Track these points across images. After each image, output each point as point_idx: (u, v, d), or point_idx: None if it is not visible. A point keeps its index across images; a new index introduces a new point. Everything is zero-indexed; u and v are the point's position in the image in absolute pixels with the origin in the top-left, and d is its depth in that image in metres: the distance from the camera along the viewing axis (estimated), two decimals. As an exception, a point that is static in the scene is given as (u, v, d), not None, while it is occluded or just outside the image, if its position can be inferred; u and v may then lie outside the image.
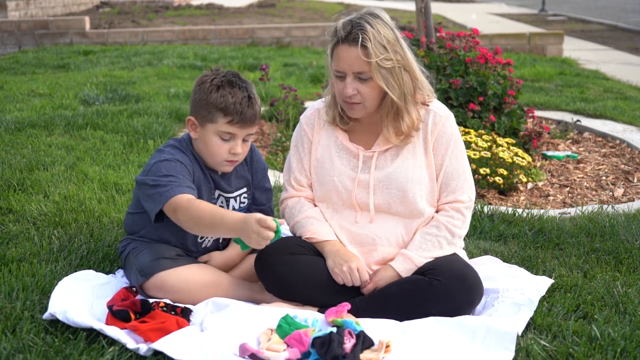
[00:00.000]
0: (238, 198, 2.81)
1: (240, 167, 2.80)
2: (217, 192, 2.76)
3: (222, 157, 2.65)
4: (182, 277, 2.60)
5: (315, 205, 2.73)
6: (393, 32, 2.54)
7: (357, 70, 2.51)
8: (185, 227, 2.52)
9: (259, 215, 2.30)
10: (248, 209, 2.86)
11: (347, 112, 2.62)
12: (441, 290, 2.46)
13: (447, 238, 2.60)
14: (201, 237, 2.76)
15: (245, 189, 2.83)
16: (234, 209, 2.79)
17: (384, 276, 2.57)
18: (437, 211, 2.66)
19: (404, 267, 2.56)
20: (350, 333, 2.28)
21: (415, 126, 2.60)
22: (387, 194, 2.61)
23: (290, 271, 2.56)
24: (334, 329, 2.28)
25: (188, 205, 2.46)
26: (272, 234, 2.29)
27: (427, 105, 2.65)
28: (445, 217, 2.62)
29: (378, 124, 2.65)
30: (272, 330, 2.37)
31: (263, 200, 2.88)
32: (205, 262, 2.76)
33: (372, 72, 2.49)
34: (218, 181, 2.75)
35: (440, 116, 2.64)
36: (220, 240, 2.83)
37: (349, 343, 2.23)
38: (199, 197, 2.66)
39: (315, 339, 2.23)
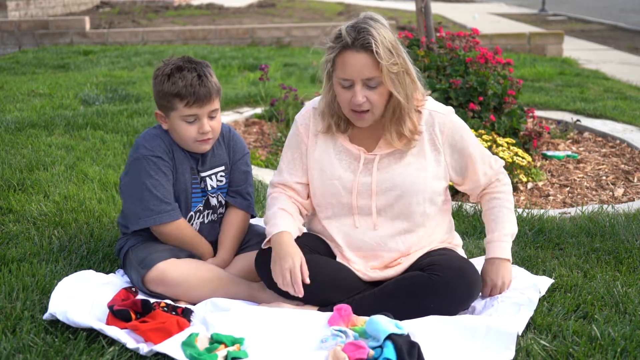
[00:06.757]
0: (214, 177, 2.85)
1: (218, 146, 2.85)
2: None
3: (193, 139, 2.71)
4: (183, 270, 2.61)
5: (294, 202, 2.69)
6: (393, 36, 2.48)
7: (367, 76, 2.43)
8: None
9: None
10: (226, 190, 2.91)
11: (355, 122, 2.54)
12: (440, 285, 2.46)
13: (510, 200, 2.74)
14: (189, 220, 2.81)
15: (222, 168, 2.87)
16: (212, 187, 2.84)
17: (505, 272, 2.66)
18: (483, 194, 2.74)
19: (509, 251, 2.68)
20: (354, 344, 2.25)
21: (416, 130, 2.57)
22: (390, 197, 2.58)
23: None
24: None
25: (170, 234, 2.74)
26: None
27: (423, 106, 2.60)
28: (498, 192, 2.72)
29: (378, 127, 2.59)
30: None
31: (239, 181, 2.91)
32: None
33: (384, 77, 2.42)
34: (197, 159, 2.81)
35: (443, 115, 2.60)
36: (207, 220, 2.87)
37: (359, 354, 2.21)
38: (175, 177, 2.75)
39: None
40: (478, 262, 2.92)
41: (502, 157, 4.09)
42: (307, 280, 2.46)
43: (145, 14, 13.84)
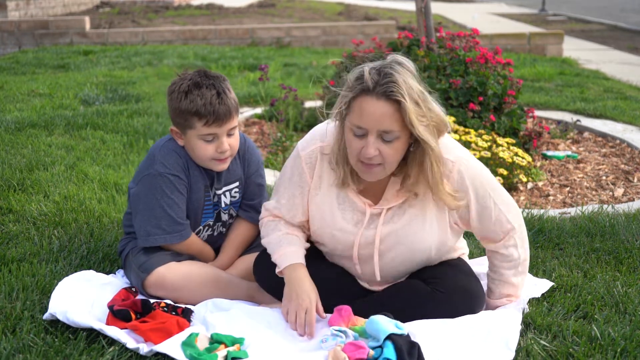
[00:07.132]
0: (229, 193, 2.80)
1: (233, 161, 2.77)
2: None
3: (211, 157, 2.63)
4: (183, 273, 2.60)
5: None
6: (419, 84, 2.20)
7: (386, 128, 2.16)
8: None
9: None
10: (239, 204, 2.86)
11: (362, 174, 2.28)
12: (443, 302, 2.42)
13: (514, 272, 2.52)
14: (197, 232, 2.77)
15: (237, 184, 2.81)
16: (225, 204, 2.79)
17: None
18: (487, 256, 2.56)
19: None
20: (354, 344, 2.26)
21: (455, 194, 2.33)
22: (393, 250, 2.43)
23: None
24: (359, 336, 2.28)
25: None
26: None
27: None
28: (501, 261, 2.50)
29: (386, 177, 2.36)
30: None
31: (254, 195, 2.85)
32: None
33: (418, 132, 2.16)
34: (212, 177, 2.75)
35: (451, 162, 2.32)
36: (216, 233, 2.85)
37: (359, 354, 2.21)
38: (189, 194, 2.68)
39: None
40: (478, 263, 2.92)
41: (501, 157, 4.09)
42: (323, 316, 2.41)
43: (145, 14, 13.83)
